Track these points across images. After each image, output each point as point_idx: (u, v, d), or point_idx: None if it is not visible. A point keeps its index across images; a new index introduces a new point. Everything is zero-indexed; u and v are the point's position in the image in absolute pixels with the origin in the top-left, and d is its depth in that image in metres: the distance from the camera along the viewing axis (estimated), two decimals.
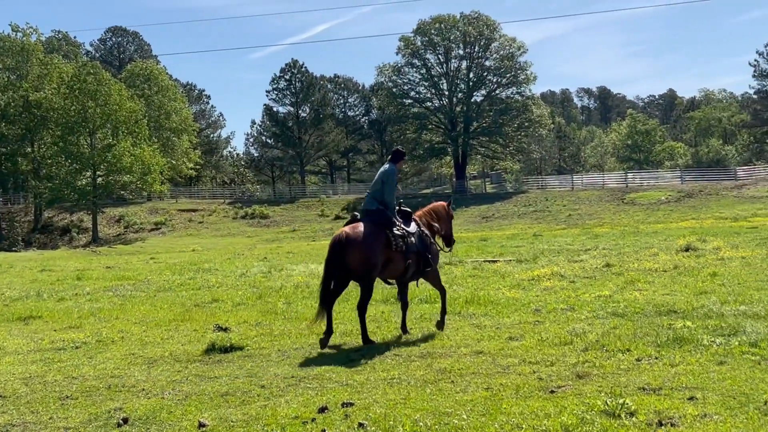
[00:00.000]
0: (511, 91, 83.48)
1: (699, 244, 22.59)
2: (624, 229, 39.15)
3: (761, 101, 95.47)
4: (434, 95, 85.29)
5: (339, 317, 12.67)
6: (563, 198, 64.55)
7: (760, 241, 23.91)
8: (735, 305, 11.69)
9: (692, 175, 73.53)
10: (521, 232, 41.87)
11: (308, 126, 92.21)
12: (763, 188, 58.03)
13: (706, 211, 48.99)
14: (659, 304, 12.21)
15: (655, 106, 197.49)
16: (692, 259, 19.63)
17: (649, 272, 17.30)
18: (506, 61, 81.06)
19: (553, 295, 14.39)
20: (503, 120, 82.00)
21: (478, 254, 25.19)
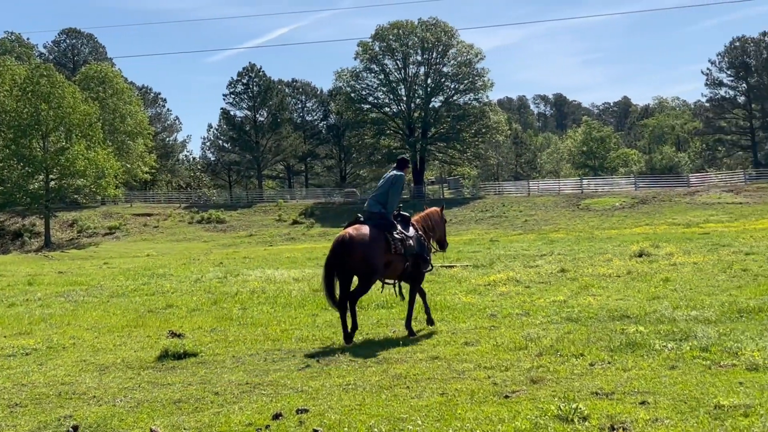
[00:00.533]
0: (468, 97, 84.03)
1: (652, 250, 22.96)
2: (579, 234, 39.60)
3: (713, 109, 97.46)
4: (392, 101, 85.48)
5: (295, 323, 12.61)
6: (520, 204, 65.10)
7: (711, 246, 24.37)
8: (687, 310, 11.88)
9: (646, 182, 74.63)
10: (478, 238, 42.12)
11: (266, 130, 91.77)
12: (715, 195, 59.15)
13: (660, 217, 49.76)
14: (612, 309, 12.37)
15: (610, 114, 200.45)
16: (645, 264, 19.93)
17: (603, 277, 17.52)
18: (464, 67, 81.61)
19: (509, 300, 14.49)
20: (461, 126, 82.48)
21: (435, 259, 25.23)
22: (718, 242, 25.91)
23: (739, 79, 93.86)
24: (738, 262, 19.19)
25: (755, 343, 9.02)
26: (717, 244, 25.27)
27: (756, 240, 26.10)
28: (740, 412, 6.27)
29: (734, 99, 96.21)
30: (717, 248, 23.60)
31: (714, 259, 20.24)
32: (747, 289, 14.21)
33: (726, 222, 42.69)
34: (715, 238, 28.44)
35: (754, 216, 44.85)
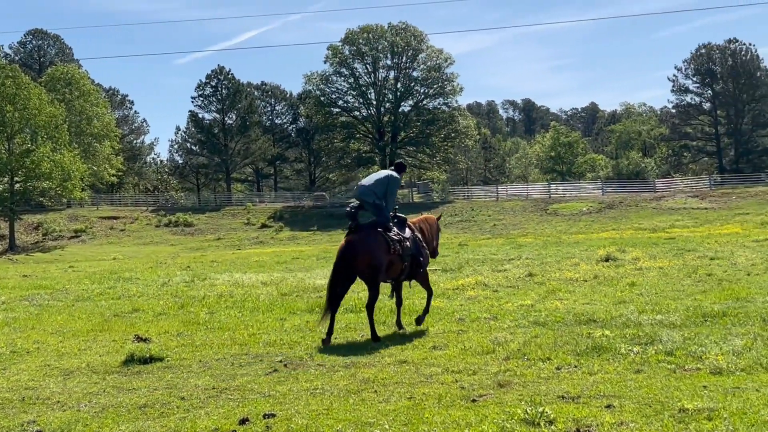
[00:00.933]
0: (438, 101, 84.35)
1: (618, 255, 23.19)
2: (547, 239, 39.88)
3: (679, 115, 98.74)
4: (362, 104, 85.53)
5: (263, 327, 12.56)
6: (488, 208, 65.43)
7: (676, 251, 24.67)
8: (652, 314, 12.01)
9: (613, 187, 75.38)
10: (447, 242, 42.23)
11: (234, 133, 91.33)
12: (681, 200, 59.91)
13: (626, 222, 50.29)
14: (579, 314, 12.47)
15: (577, 119, 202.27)
16: (612, 269, 20.13)
17: (570, 282, 17.66)
18: (433, 72, 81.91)
19: (477, 304, 14.55)
20: (430, 130, 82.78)
21: None
22: (683, 247, 26.24)
23: (705, 85, 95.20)
24: (703, 267, 19.46)
25: (719, 347, 9.15)
26: (682, 248, 25.59)
27: (720, 245, 26.47)
28: (704, 416, 6.35)
29: (700, 105, 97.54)
30: (682, 253, 23.90)
31: (679, 264, 20.50)
32: (711, 294, 14.41)
33: (691, 227, 43.26)
34: (680, 243, 28.80)
35: (718, 221, 45.49)
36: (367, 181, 11.87)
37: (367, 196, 11.58)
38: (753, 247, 25.03)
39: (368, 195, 11.58)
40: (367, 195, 11.60)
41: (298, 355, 9.92)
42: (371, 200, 11.54)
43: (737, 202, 56.07)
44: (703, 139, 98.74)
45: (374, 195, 11.59)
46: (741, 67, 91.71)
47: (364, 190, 11.68)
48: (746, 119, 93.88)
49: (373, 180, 11.84)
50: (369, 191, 11.63)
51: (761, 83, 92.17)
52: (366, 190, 11.66)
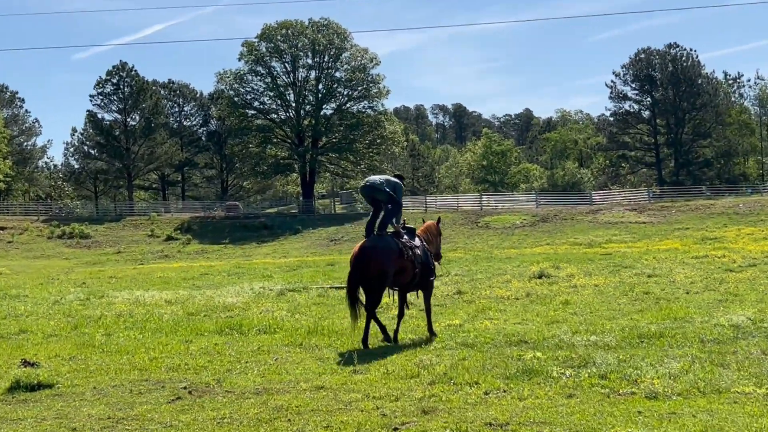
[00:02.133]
0: (362, 105, 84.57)
1: (552, 271, 23.65)
2: (478, 254, 40.33)
3: (617, 124, 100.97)
4: (280, 106, 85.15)
5: (166, 350, 12.37)
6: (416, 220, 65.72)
7: (613, 268, 25.27)
8: (586, 335, 12.29)
9: (547, 199, 76.73)
10: None
11: (138, 136, 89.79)
12: (618, 213, 61.37)
13: (561, 237, 51.26)
14: (510, 334, 12.67)
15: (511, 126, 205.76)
16: (545, 286, 20.51)
17: (501, 300, 17.93)
18: (358, 72, 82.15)
19: (402, 324, 14.61)
20: (354, 136, 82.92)
21: (325, 280, 25.27)
22: (620, 263, 26.89)
23: (644, 92, 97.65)
24: (640, 285, 20.00)
25: (655, 370, 9.41)
26: (619, 265, 26.23)
27: (659, 261, 27.21)
28: None
29: (639, 113, 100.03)
30: (619, 270, 24.51)
31: (616, 282, 21.03)
32: (648, 313, 14.83)
33: (629, 242, 44.35)
34: (617, 259, 29.50)
35: (657, 236, 46.76)
36: (376, 178, 13.47)
37: (379, 190, 13.07)
38: (692, 263, 25.81)
39: (380, 189, 13.08)
40: (379, 188, 13.09)
41: (205, 381, 9.80)
42: (384, 188, 13.05)
43: (677, 216, 57.78)
44: (642, 149, 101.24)
45: (386, 188, 13.09)
46: (682, 74, 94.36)
47: (376, 183, 13.21)
48: (687, 128, 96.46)
49: (384, 177, 13.43)
50: (380, 184, 13.16)
51: (702, 91, 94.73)
52: (377, 184, 13.18)
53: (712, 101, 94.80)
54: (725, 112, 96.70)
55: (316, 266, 32.80)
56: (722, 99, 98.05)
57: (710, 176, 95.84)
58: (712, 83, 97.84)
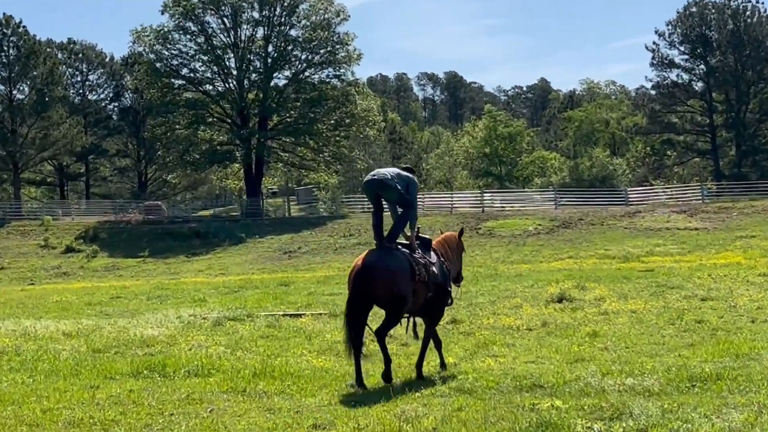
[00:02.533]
0: (326, 73, 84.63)
1: (576, 293, 23.70)
2: (478, 270, 40.30)
3: (661, 99, 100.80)
4: (217, 75, 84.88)
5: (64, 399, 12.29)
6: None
7: (655, 289, 25.34)
8: (620, 377, 12.31)
9: (570, 198, 76.80)
10: (339, 274, 42.22)
11: (27, 113, 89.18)
12: (662, 217, 61.59)
13: (588, 247, 51.36)
14: (520, 376, 12.67)
15: (521, 102, 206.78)
16: (567, 313, 20.56)
17: (509, 331, 17.97)
18: (320, 30, 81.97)
19: (379, 364, 14.60)
20: (315, 114, 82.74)
21: (276, 305, 25.20)
22: (665, 283, 26.95)
23: (697, 58, 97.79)
24: (691, 311, 20.09)
25: (711, 423, 9.41)
26: (664, 285, 26.28)
27: (716, 281, 27.29)
28: None
29: (689, 85, 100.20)
30: (663, 291, 24.58)
31: (659, 307, 21.11)
32: (702, 349, 14.88)
33: (676, 255, 44.51)
34: (661, 276, 29.58)
35: (713, 247, 46.94)
36: (385, 171, 13.83)
37: (389, 187, 13.39)
38: (760, 283, 25.91)
39: (390, 186, 13.40)
40: (388, 184, 13.39)
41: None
42: (395, 185, 13.40)
43: (739, 220, 58.07)
44: (693, 133, 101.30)
45: (398, 186, 13.45)
46: (745, 33, 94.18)
47: (386, 179, 13.46)
48: (752, 105, 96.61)
49: (394, 171, 13.80)
50: (390, 180, 13.44)
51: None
52: (387, 179, 13.44)
53: None
54: None
55: (264, 287, 32.68)
56: None
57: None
58: None
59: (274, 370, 13.78)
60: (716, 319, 18.76)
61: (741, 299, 21.88)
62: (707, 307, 20.89)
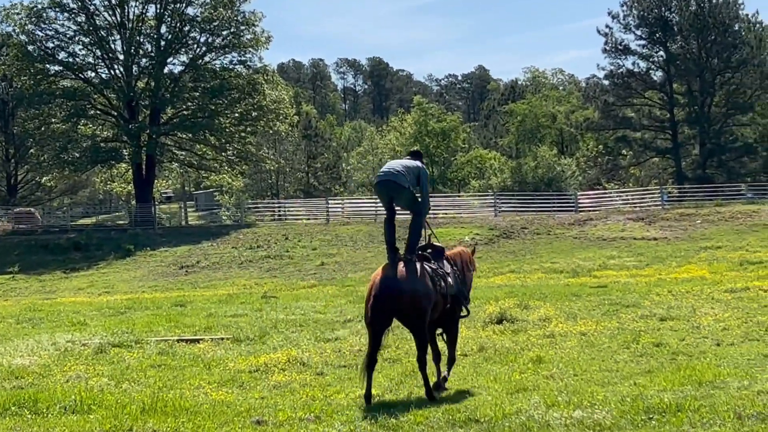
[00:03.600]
0: (230, 58, 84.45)
1: (518, 313, 23.82)
2: None
3: (615, 90, 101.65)
4: (100, 60, 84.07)
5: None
6: (314, 235, 65.75)
7: (609, 307, 25.55)
8: (567, 409, 12.40)
9: (512, 203, 77.34)
10: (244, 292, 42.09)
11: None
12: (617, 225, 62.23)
13: (532, 260, 51.70)
14: (453, 409, 12.71)
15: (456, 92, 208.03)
16: (507, 336, 20.67)
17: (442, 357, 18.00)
18: (222, 9, 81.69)
19: (290, 396, 14.61)
20: (217, 105, 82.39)
21: (169, 329, 25.02)
22: (619, 301, 27.19)
23: (655, 43, 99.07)
24: (648, 333, 20.29)
25: None
26: (618, 303, 26.52)
27: (677, 298, 27.57)
28: None
29: (647, 75, 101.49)
30: (618, 310, 24.80)
31: (612, 328, 21.30)
32: (660, 376, 15.04)
33: (633, 268, 44.95)
34: (615, 293, 29.85)
35: (674, 259, 47.49)
36: (395, 165, 14.99)
37: (400, 187, 14.59)
38: (726, 300, 26.21)
39: (400, 187, 14.59)
40: (400, 185, 14.57)
41: None
42: (405, 185, 14.59)
43: (703, 228, 58.88)
44: (651, 129, 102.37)
45: (408, 182, 14.65)
46: (710, 16, 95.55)
47: (399, 175, 14.61)
48: (718, 98, 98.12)
49: (400, 165, 14.89)
50: (399, 176, 14.60)
51: (741, 42, 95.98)
52: (397, 176, 14.61)
53: (755, 57, 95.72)
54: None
55: (156, 307, 32.44)
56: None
57: (752, 169, 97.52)
58: (756, 30, 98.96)
59: (167, 404, 13.66)
60: (677, 341, 18.97)
61: (705, 319, 22.13)
62: (667, 328, 21.11)
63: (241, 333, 23.04)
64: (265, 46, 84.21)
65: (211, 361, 18.70)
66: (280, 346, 20.44)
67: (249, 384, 15.93)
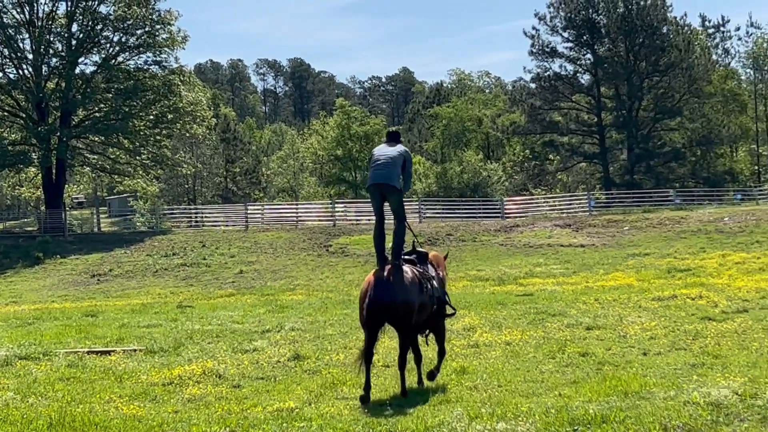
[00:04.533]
0: (144, 58, 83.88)
1: None
2: (328, 296, 40.38)
3: (542, 94, 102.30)
4: (8, 59, 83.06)
5: None
6: (232, 242, 65.52)
7: (534, 316, 25.71)
8: (491, 421, 12.44)
9: (437, 209, 77.61)
10: (158, 301, 41.83)
11: None
12: (544, 232, 62.63)
13: (457, 267, 51.89)
14: (374, 423, 12.72)
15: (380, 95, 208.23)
16: (431, 346, 20.70)
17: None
18: (136, 7, 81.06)
19: (205, 409, 14.52)
20: (131, 107, 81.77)
21: (80, 340, 24.78)
22: (545, 309, 27.36)
23: (583, 46, 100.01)
24: (575, 342, 20.45)
25: None
26: (544, 312, 26.69)
27: (604, 306, 27.80)
28: None
29: (575, 78, 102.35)
30: (544, 319, 24.96)
31: (538, 337, 21.43)
32: (586, 386, 15.14)
33: (560, 276, 45.25)
34: (541, 302, 30.04)
35: (602, 267, 47.88)
36: (383, 159, 16.04)
37: (395, 190, 16.01)
38: (654, 308, 26.49)
39: (395, 189, 16.01)
40: (394, 186, 15.94)
41: None
42: (398, 186, 16.04)
43: (631, 235, 59.44)
44: (579, 133, 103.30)
45: (399, 182, 16.04)
46: (638, 18, 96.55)
47: (386, 175, 15.85)
48: (646, 102, 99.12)
49: (388, 157, 16.03)
50: (393, 175, 15.92)
51: (669, 45, 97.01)
52: (388, 173, 15.87)
53: (683, 60, 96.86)
54: (703, 77, 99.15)
55: (66, 318, 32.12)
56: (699, 57, 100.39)
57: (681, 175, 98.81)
58: (684, 33, 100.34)
59: (75, 419, 13.52)
60: (603, 351, 19.13)
61: (632, 328, 22.35)
62: (593, 337, 21.29)
63: (155, 344, 22.89)
64: (182, 45, 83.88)
65: (123, 373, 18.54)
66: (196, 357, 20.32)
67: (162, 397, 15.81)
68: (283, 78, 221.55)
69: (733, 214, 62.29)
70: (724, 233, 55.00)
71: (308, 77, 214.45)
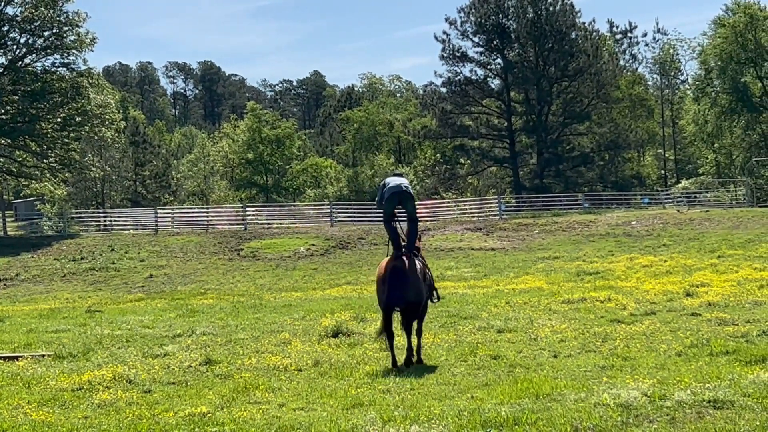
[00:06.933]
0: (52, 60, 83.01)
1: (354, 326, 23.93)
2: (239, 300, 40.23)
3: (453, 98, 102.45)
4: None
5: None
6: (142, 246, 65.01)
7: (446, 319, 25.83)
8: (404, 424, 12.48)
9: (348, 213, 77.62)
10: (66, 306, 41.40)
11: None
12: (455, 235, 62.92)
13: (369, 271, 51.85)
14: (287, 427, 12.71)
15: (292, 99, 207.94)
16: (343, 349, 20.73)
17: (275, 372, 17.97)
18: (43, 8, 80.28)
19: (115, 415, 14.40)
20: (38, 110, 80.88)
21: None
22: (457, 313, 27.49)
23: (493, 51, 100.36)
24: (486, 345, 20.55)
25: None
26: (455, 315, 26.81)
27: (515, 309, 28.00)
28: None
29: (485, 83, 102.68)
30: (455, 322, 25.07)
31: (450, 340, 21.52)
32: (498, 389, 15.23)
33: (471, 279, 45.45)
34: (452, 305, 30.14)
35: (512, 270, 48.15)
36: (397, 180, 19.86)
37: (410, 196, 19.62)
38: (564, 311, 26.74)
39: (412, 197, 19.76)
40: (411, 194, 19.74)
41: None
42: (414, 195, 19.73)
43: (541, 239, 59.91)
44: (489, 138, 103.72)
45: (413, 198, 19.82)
46: (547, 23, 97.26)
47: (406, 185, 19.71)
48: (555, 106, 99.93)
49: (401, 181, 19.83)
50: (410, 188, 19.82)
51: (578, 50, 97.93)
52: (406, 185, 19.69)
53: (592, 66, 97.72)
54: (611, 82, 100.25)
55: None
56: (607, 62, 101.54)
57: (590, 179, 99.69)
58: (593, 39, 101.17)
59: None
60: (514, 354, 19.25)
61: (542, 330, 22.52)
62: (504, 340, 21.41)
63: (64, 349, 22.65)
64: (90, 47, 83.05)
65: (31, 379, 18.31)
66: (106, 362, 20.14)
67: (71, 403, 15.63)
68: (193, 81, 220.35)
69: (641, 217, 63.12)
70: (631, 237, 55.68)
71: (218, 80, 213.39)
